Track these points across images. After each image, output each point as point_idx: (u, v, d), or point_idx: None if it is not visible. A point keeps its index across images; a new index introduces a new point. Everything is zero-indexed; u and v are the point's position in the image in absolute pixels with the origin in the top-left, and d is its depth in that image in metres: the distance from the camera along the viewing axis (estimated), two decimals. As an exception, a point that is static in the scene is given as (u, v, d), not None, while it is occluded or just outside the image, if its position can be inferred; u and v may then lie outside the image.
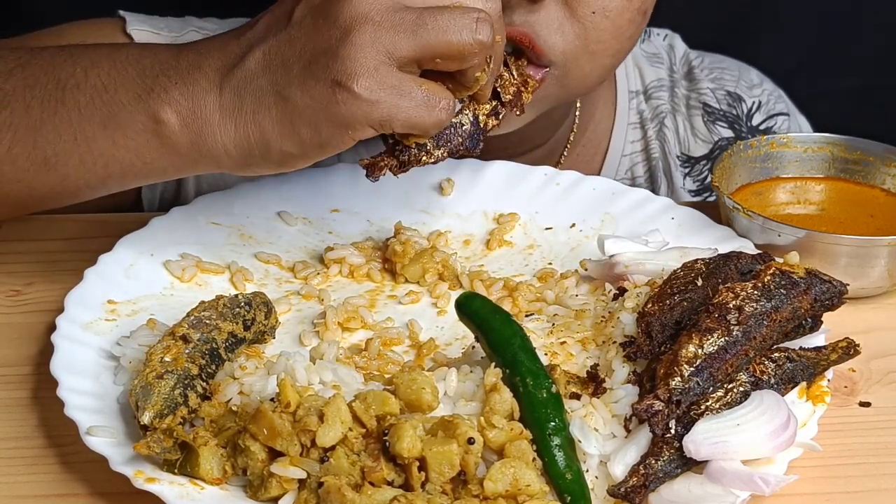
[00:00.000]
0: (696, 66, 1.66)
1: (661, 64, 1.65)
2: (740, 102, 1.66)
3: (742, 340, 1.00)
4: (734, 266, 1.11)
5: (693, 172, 1.62)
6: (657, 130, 1.61)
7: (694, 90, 1.64)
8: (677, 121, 1.63)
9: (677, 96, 1.64)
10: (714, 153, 1.62)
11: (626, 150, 1.60)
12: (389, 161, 1.09)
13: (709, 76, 1.66)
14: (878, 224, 1.30)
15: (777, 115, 1.67)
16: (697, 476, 0.94)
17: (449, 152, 1.11)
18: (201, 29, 1.51)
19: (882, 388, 1.12)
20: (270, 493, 0.93)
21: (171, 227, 1.26)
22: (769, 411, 0.96)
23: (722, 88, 1.65)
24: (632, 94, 1.61)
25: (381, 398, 0.94)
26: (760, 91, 1.68)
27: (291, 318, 1.18)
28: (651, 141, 1.61)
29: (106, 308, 1.15)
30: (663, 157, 1.61)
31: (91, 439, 0.97)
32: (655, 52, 1.65)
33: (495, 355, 1.02)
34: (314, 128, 1.04)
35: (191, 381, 1.00)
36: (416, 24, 1.02)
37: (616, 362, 1.03)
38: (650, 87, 1.62)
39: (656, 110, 1.62)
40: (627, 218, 1.32)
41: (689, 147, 1.63)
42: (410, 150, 1.08)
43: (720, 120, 1.63)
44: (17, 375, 1.12)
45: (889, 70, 2.30)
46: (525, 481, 0.91)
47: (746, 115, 1.65)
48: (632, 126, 1.61)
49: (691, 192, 1.62)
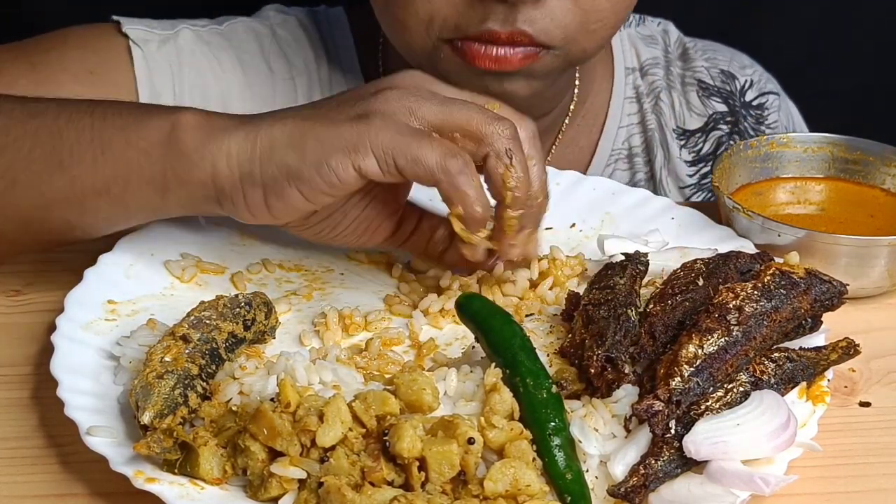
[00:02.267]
0: (690, 47, 1.70)
1: (656, 45, 1.68)
2: (733, 80, 1.69)
3: (742, 340, 1.00)
4: (734, 266, 1.11)
5: (689, 144, 1.66)
6: (653, 104, 1.65)
7: (689, 68, 1.68)
8: (672, 96, 1.66)
9: (672, 74, 1.67)
10: (708, 126, 1.65)
11: (623, 122, 1.63)
12: None
13: (702, 56, 1.69)
14: (878, 224, 1.30)
15: (768, 93, 1.71)
16: (697, 476, 0.94)
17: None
18: (193, 25, 1.54)
19: (882, 388, 1.12)
20: (270, 493, 0.93)
21: (171, 227, 1.25)
22: (769, 411, 0.96)
23: (715, 66, 1.69)
24: (628, 70, 1.65)
25: (381, 398, 0.94)
26: (752, 71, 1.72)
27: (291, 318, 1.18)
28: (647, 114, 1.64)
29: (106, 308, 1.15)
30: (659, 129, 1.64)
31: (91, 439, 0.97)
32: (650, 34, 1.69)
33: (495, 355, 1.02)
34: (320, 142, 1.05)
35: (191, 381, 1.00)
36: (443, 100, 1.09)
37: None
38: (645, 63, 1.66)
39: (652, 85, 1.65)
40: (627, 218, 1.32)
41: (684, 121, 1.66)
42: None
43: (714, 95, 1.67)
44: (17, 375, 1.12)
45: (889, 70, 2.30)
46: (525, 481, 0.91)
47: (740, 91, 1.69)
48: (628, 100, 1.64)
49: (687, 162, 1.65)
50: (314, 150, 1.04)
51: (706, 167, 1.65)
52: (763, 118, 1.69)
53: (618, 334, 1.02)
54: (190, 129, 1.08)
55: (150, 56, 1.47)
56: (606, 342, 1.01)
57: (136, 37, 1.48)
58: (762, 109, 1.69)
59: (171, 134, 1.08)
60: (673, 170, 1.65)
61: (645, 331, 1.03)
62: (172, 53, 1.49)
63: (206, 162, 1.07)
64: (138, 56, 1.47)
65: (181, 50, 1.50)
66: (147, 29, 1.50)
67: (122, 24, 1.49)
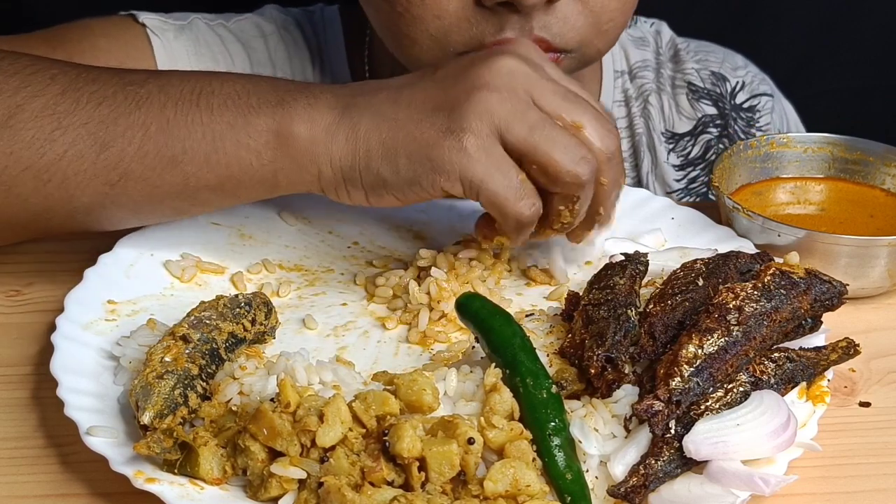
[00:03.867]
0: (682, 49, 1.70)
1: (647, 47, 1.68)
2: (724, 82, 1.69)
3: (742, 341, 1.00)
4: (733, 265, 1.11)
5: (677, 148, 1.66)
6: (641, 108, 1.65)
7: (679, 71, 1.68)
8: (662, 99, 1.66)
9: (662, 76, 1.67)
10: (697, 129, 1.65)
11: None
12: None
13: (694, 58, 1.69)
14: (878, 224, 1.30)
15: (761, 94, 1.70)
16: (697, 476, 0.94)
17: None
18: (204, 17, 1.56)
19: (882, 388, 1.12)
20: (270, 493, 0.93)
21: (171, 227, 1.25)
22: (769, 411, 0.96)
23: (706, 69, 1.69)
24: (617, 74, 1.65)
25: (381, 398, 0.94)
26: (745, 73, 1.72)
27: (291, 318, 1.18)
28: (635, 118, 1.65)
29: (106, 308, 1.15)
30: (647, 133, 1.65)
31: (91, 439, 0.97)
32: (642, 36, 1.69)
33: (495, 355, 1.02)
34: (412, 161, 1.09)
35: (191, 381, 1.00)
36: (533, 123, 1.08)
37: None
38: (635, 67, 1.66)
39: (640, 89, 1.65)
40: (627, 218, 1.32)
41: (673, 124, 1.66)
42: None
43: (704, 98, 1.67)
44: (17, 375, 1.12)
45: (889, 70, 2.30)
46: (525, 481, 0.91)
47: (730, 94, 1.68)
48: (616, 103, 1.65)
49: (675, 166, 1.65)
50: (406, 168, 1.09)
51: (694, 171, 1.65)
52: (754, 121, 1.69)
53: (618, 334, 1.02)
54: (296, 132, 1.11)
55: (167, 45, 1.50)
56: (606, 342, 1.01)
57: (154, 26, 1.51)
58: (753, 112, 1.69)
59: (279, 137, 1.11)
60: (660, 174, 1.65)
61: (645, 331, 1.03)
62: (189, 42, 1.52)
63: (313, 167, 1.12)
64: (157, 45, 1.50)
65: (197, 39, 1.53)
66: (162, 19, 1.53)
67: (137, 16, 1.51)
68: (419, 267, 1.21)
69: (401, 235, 1.32)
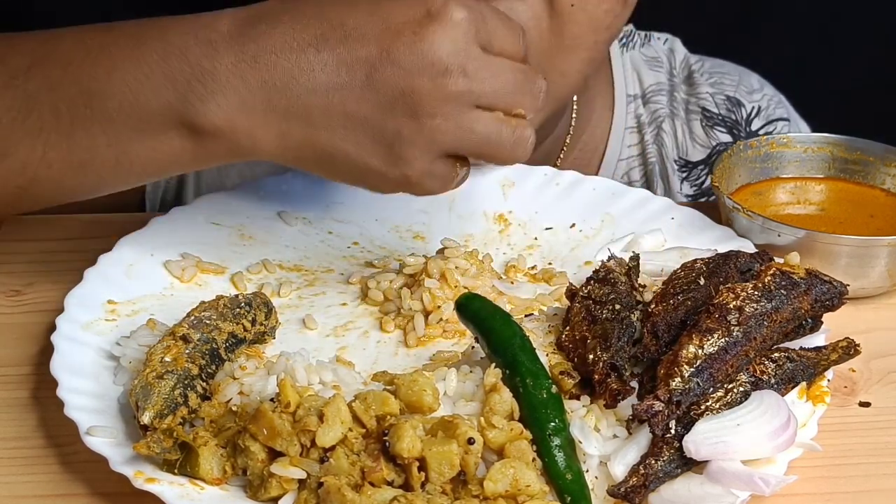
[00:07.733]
0: (696, 70, 1.65)
1: (661, 68, 1.64)
2: (740, 107, 1.65)
3: (742, 341, 1.00)
4: (734, 265, 1.11)
5: (691, 177, 1.62)
6: (655, 135, 1.61)
7: (693, 94, 1.63)
8: (675, 125, 1.62)
9: (676, 100, 1.63)
10: (712, 158, 1.61)
11: (623, 154, 1.59)
12: None
13: (708, 80, 1.65)
14: (878, 224, 1.30)
15: (777, 119, 1.66)
16: (697, 476, 0.94)
17: None
18: None
19: (882, 388, 1.12)
20: (270, 493, 0.93)
21: (171, 227, 1.26)
22: (769, 411, 0.96)
23: (721, 93, 1.65)
24: (629, 98, 1.61)
25: (381, 398, 0.94)
26: (761, 96, 1.67)
27: (291, 318, 1.18)
28: (648, 145, 1.60)
29: (106, 308, 1.15)
30: (660, 161, 1.61)
31: (91, 439, 0.97)
32: (655, 55, 1.65)
33: (495, 355, 1.02)
34: (350, 171, 1.05)
35: (191, 382, 1.00)
36: (465, 125, 1.03)
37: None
38: (648, 91, 1.62)
39: (654, 114, 1.61)
40: (627, 218, 1.32)
41: (686, 151, 1.62)
42: None
43: (719, 125, 1.63)
44: (17, 375, 1.12)
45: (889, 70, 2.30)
46: (525, 481, 0.91)
47: (746, 120, 1.64)
48: (629, 130, 1.60)
49: (688, 196, 1.61)
50: (343, 176, 1.07)
51: (708, 201, 1.60)
52: None
53: (621, 340, 1.01)
54: (216, 135, 1.04)
55: None
56: (611, 348, 1.00)
57: None
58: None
59: (194, 136, 1.05)
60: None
61: (647, 330, 1.03)
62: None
63: (243, 158, 1.08)
64: None
65: None
66: None
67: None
68: (406, 275, 1.20)
69: (401, 235, 1.32)
